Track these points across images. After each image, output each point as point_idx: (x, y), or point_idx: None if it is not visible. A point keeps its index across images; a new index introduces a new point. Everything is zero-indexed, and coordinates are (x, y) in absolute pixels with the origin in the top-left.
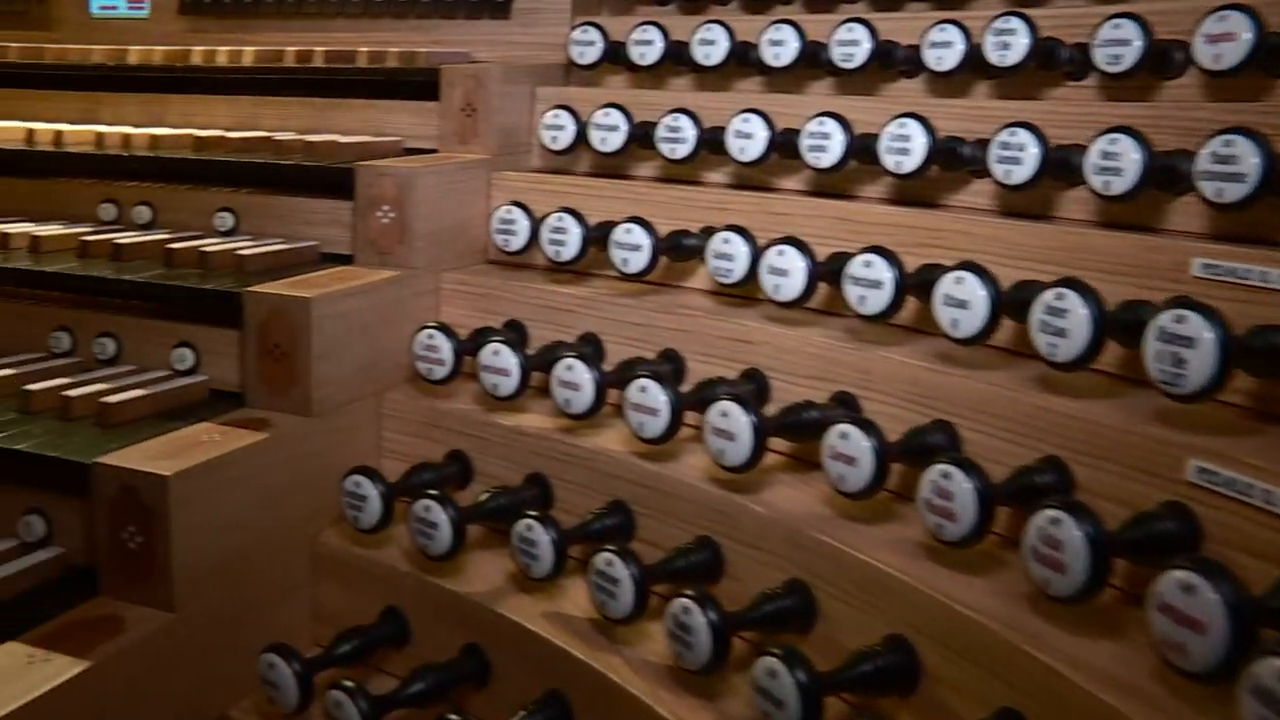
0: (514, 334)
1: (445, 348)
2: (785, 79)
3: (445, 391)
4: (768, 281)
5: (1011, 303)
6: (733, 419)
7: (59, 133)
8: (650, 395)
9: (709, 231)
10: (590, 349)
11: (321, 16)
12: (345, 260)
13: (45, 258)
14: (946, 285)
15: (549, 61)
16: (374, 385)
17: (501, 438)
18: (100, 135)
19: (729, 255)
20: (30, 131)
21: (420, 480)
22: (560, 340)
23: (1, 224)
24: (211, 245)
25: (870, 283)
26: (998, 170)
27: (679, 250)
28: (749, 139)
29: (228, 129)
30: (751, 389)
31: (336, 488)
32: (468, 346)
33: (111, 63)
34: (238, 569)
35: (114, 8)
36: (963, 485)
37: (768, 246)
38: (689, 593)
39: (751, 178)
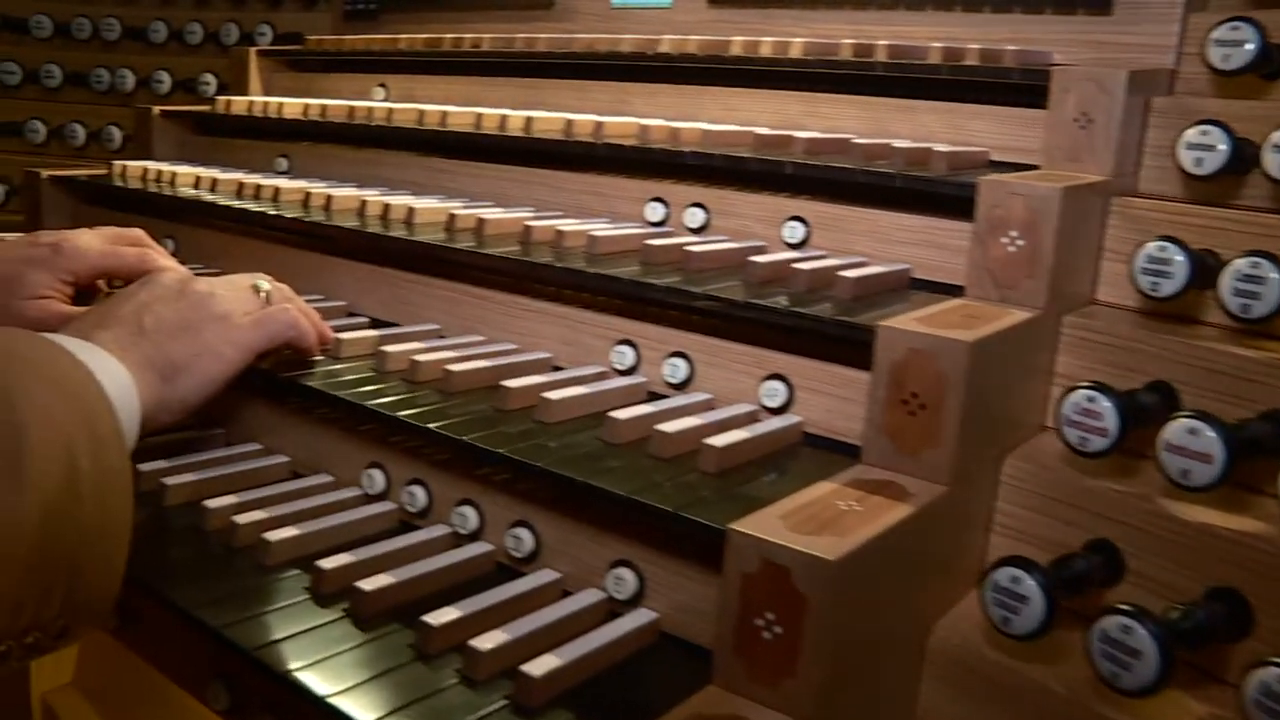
0: (1160, 398)
1: (1109, 414)
2: None
3: (1087, 464)
4: None
5: None
6: None
7: (599, 124)
8: None
9: None
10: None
11: (875, 7)
12: (935, 288)
13: (602, 260)
14: None
15: (1152, 65)
16: (995, 449)
17: (1176, 535)
18: (645, 128)
19: None
20: (569, 122)
21: (1070, 573)
22: (1247, 418)
23: (550, 219)
24: (805, 262)
25: None
26: None
27: None
28: None
29: (774, 126)
30: None
31: (953, 572)
32: (1139, 415)
33: (642, 53)
34: (861, 670)
35: None
36: None
37: None
38: None
39: None
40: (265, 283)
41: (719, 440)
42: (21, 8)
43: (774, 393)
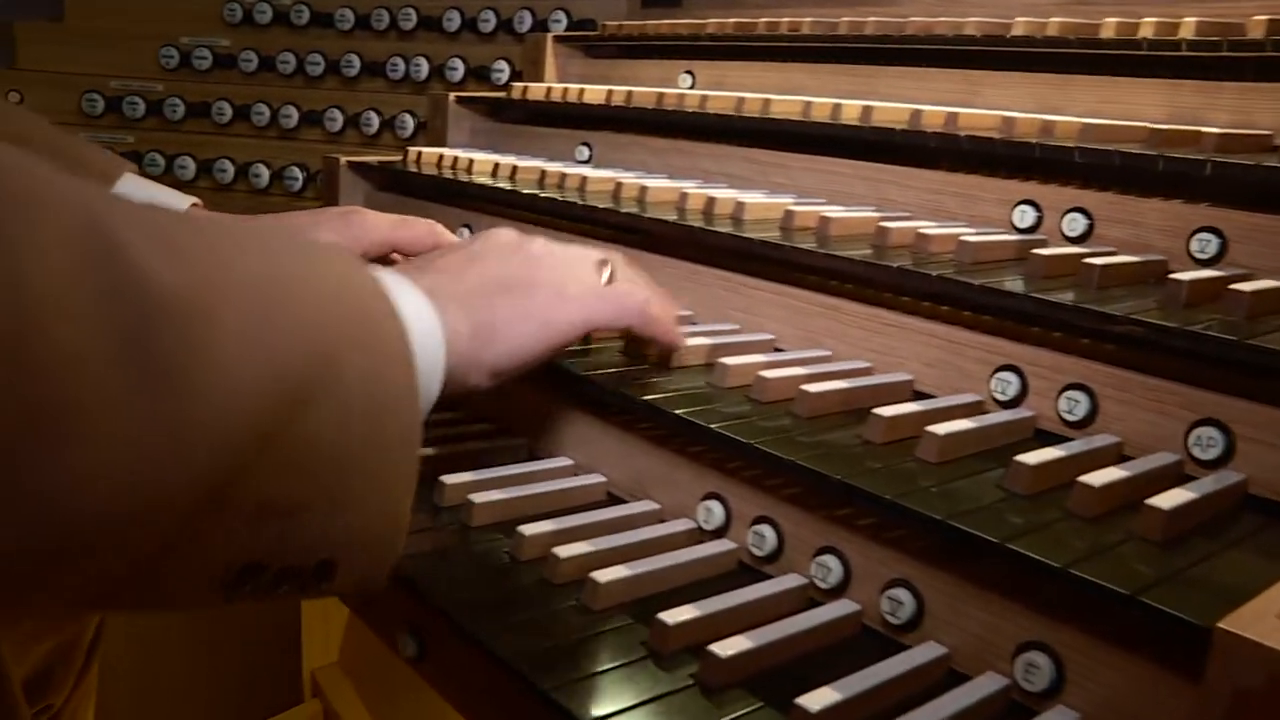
0: None
1: None
2: None
3: None
4: None
5: None
6: None
7: (951, 115)
8: None
9: None
10: None
11: None
12: None
13: (973, 270)
14: None
15: None
16: None
17: None
18: (1008, 121)
19: None
20: (915, 113)
21: None
22: None
23: (901, 220)
24: (1240, 283)
25: None
26: None
27: None
28: None
29: (1164, 120)
30: None
31: None
32: None
33: (998, 35)
34: None
35: None
36: None
37: None
38: None
39: None
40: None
41: (1165, 501)
42: (329, 3)
43: (1208, 441)
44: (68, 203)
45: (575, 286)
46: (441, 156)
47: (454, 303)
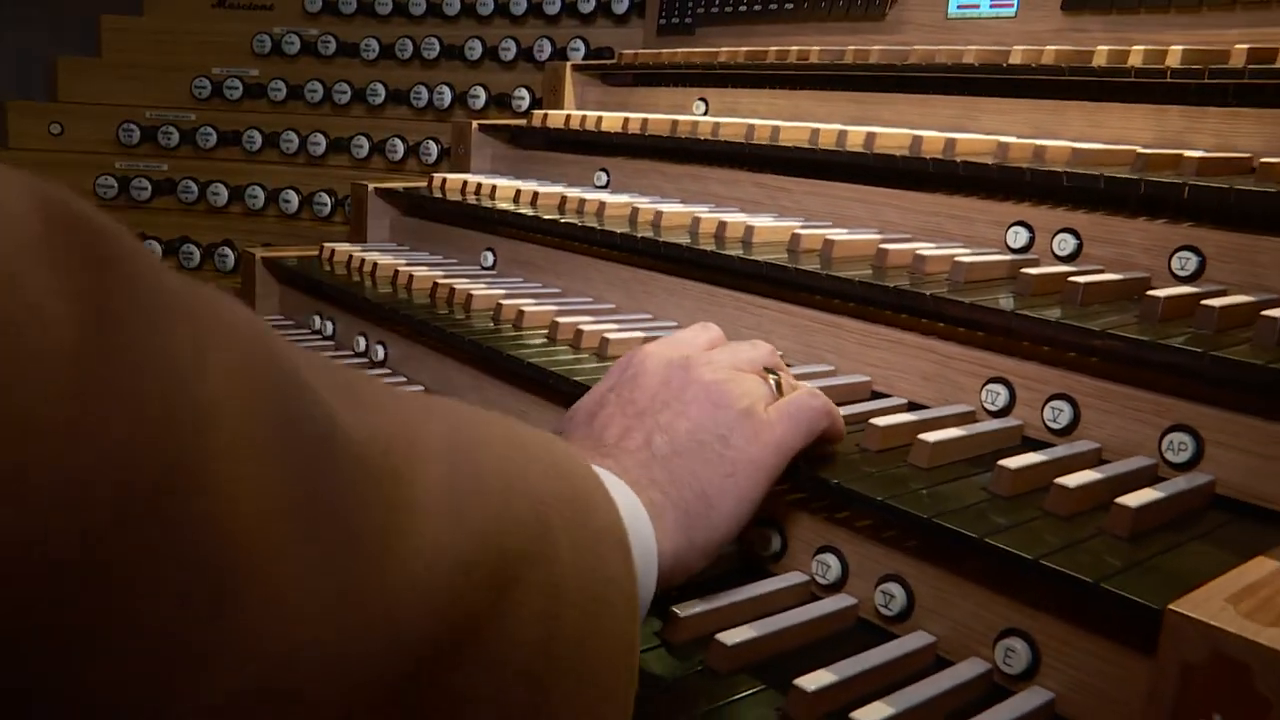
0: None
1: None
2: None
3: None
4: None
5: None
6: None
7: (950, 141)
8: None
9: None
10: None
11: (1255, 7)
12: None
13: (970, 289)
14: None
15: None
16: None
17: None
18: (1003, 146)
19: None
20: (916, 139)
21: None
22: None
23: (902, 242)
24: (1213, 298)
25: None
26: None
27: None
28: None
29: (1151, 144)
30: None
31: None
32: None
33: (995, 64)
34: None
35: (975, 7)
36: None
37: None
38: None
39: None
40: (762, 351)
41: (1132, 500)
42: (354, 33)
43: (1180, 446)
44: (243, 327)
45: (762, 408)
46: (465, 183)
47: (656, 491)
